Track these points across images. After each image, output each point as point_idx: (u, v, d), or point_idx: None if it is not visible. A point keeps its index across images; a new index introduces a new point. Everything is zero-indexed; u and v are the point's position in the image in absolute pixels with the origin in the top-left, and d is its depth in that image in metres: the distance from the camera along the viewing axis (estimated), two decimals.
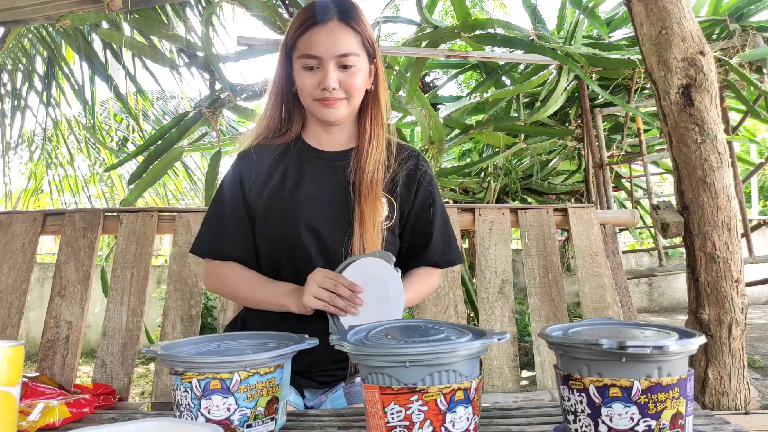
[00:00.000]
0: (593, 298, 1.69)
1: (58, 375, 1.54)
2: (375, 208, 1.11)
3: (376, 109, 1.18)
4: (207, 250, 1.19)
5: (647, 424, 0.60)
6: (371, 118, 1.18)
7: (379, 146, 1.16)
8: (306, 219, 1.11)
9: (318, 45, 1.08)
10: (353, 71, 1.10)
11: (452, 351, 0.61)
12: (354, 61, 1.09)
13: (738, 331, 1.54)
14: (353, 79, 1.10)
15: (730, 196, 1.56)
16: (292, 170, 1.17)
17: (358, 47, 1.11)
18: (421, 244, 1.21)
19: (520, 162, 4.57)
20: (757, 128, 6.54)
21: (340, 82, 1.10)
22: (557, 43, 3.47)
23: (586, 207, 1.84)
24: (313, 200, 1.14)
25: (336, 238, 1.11)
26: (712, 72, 1.56)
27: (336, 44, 1.08)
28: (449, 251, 1.23)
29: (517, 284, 4.88)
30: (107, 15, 2.70)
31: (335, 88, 1.09)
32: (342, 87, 1.10)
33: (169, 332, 1.63)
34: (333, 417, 0.87)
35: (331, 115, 1.13)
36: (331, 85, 1.08)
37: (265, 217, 1.15)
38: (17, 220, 1.72)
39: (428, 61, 3.60)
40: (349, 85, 1.10)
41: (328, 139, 1.20)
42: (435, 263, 1.22)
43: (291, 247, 1.12)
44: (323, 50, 1.08)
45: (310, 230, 1.11)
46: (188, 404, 0.69)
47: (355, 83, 1.11)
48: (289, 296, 1.08)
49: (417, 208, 1.20)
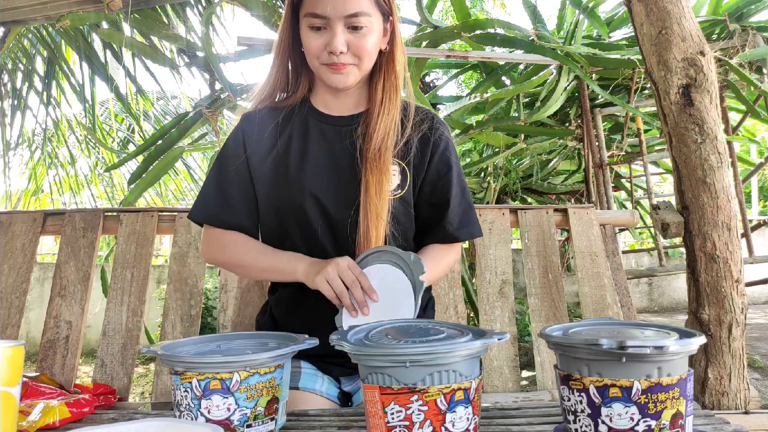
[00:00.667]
0: (593, 298, 1.69)
1: (58, 375, 1.54)
2: (382, 178, 1.02)
3: (390, 71, 1.08)
4: (207, 216, 1.11)
5: (647, 424, 0.60)
6: (384, 81, 1.08)
7: (391, 111, 1.07)
8: (311, 189, 1.05)
9: (324, 3, 0.98)
10: (364, 33, 1.00)
11: (452, 351, 0.61)
12: (365, 21, 1.00)
13: (738, 331, 1.54)
14: (363, 42, 1.01)
15: (730, 196, 1.56)
16: (297, 136, 1.10)
17: (371, 5, 1.01)
18: (438, 214, 1.12)
19: (520, 162, 4.58)
20: (757, 128, 6.54)
21: (348, 44, 1.01)
22: (557, 43, 3.47)
23: (586, 207, 1.84)
24: (319, 169, 1.07)
25: (341, 209, 1.05)
26: (712, 72, 1.56)
27: (345, 3, 0.98)
28: (468, 222, 1.13)
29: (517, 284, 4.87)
30: (107, 15, 2.70)
31: (343, 51, 1.00)
32: (351, 50, 1.01)
33: (169, 332, 1.63)
34: (333, 417, 0.87)
35: (339, 81, 1.04)
36: (338, 48, 0.99)
37: (269, 186, 1.08)
38: (17, 220, 1.72)
39: (428, 61, 3.60)
40: (358, 48, 1.01)
41: (336, 103, 1.12)
42: (453, 236, 1.12)
43: (295, 218, 1.06)
44: (330, 9, 0.98)
45: (315, 201, 1.06)
46: (188, 404, 0.69)
47: (366, 46, 1.01)
48: (300, 263, 1.02)
49: (432, 175, 1.11)
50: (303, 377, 1.09)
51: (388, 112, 1.06)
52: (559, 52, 3.30)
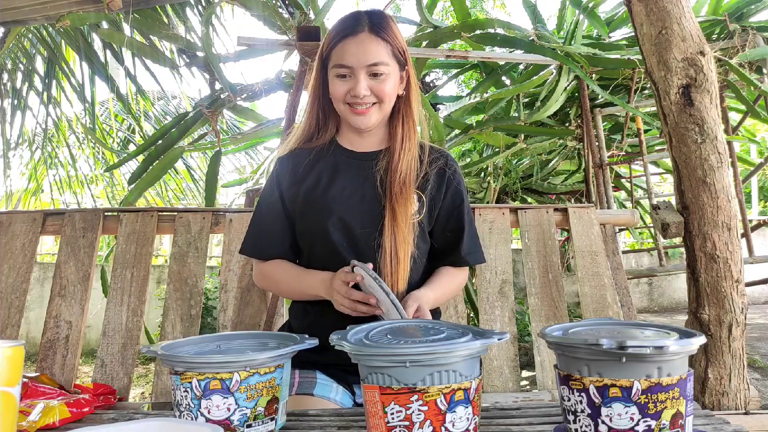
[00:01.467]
0: (593, 298, 1.69)
1: (58, 375, 1.54)
2: (407, 206, 1.16)
3: (408, 113, 1.23)
4: (250, 251, 1.28)
5: (647, 424, 0.60)
6: (403, 122, 1.23)
7: (411, 148, 1.21)
8: (338, 213, 1.17)
9: (350, 55, 1.14)
10: (383, 78, 1.16)
11: (452, 351, 0.61)
12: (384, 69, 1.15)
13: (738, 331, 1.54)
14: (383, 86, 1.16)
15: (730, 196, 1.55)
16: (326, 170, 1.24)
17: (388, 57, 1.16)
18: (453, 241, 1.26)
19: (520, 162, 4.58)
20: (757, 128, 6.55)
21: (370, 88, 1.16)
22: (557, 43, 3.47)
23: (586, 207, 1.84)
24: (346, 196, 1.20)
25: (366, 233, 1.17)
26: (712, 72, 1.56)
27: (366, 54, 1.14)
28: (476, 250, 1.28)
29: (517, 284, 4.88)
30: (107, 15, 2.70)
31: (366, 95, 1.15)
32: (373, 92, 1.16)
33: (169, 332, 1.63)
34: (333, 417, 0.87)
35: (362, 123, 1.19)
36: (361, 92, 1.14)
37: (302, 215, 1.22)
38: (17, 220, 1.72)
39: (428, 61, 3.61)
40: (379, 91, 1.16)
41: (361, 141, 1.26)
42: (465, 260, 1.26)
43: (324, 240, 1.18)
44: (354, 60, 1.14)
45: (342, 224, 1.17)
46: (188, 404, 0.69)
47: (385, 89, 1.16)
48: (321, 285, 1.15)
49: (447, 206, 1.25)
50: (318, 385, 1.15)
51: (408, 149, 1.21)
52: (559, 52, 3.30)
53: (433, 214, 1.24)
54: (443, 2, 7.10)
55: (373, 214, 1.17)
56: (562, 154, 4.40)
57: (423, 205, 1.22)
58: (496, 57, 3.65)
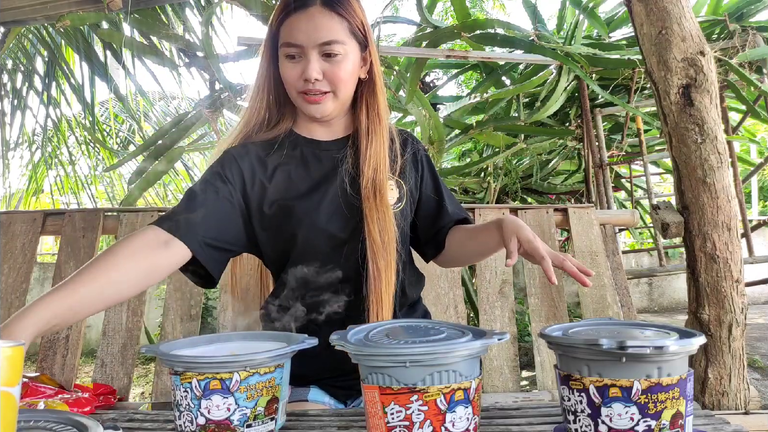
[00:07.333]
0: (593, 298, 1.69)
1: (58, 375, 1.54)
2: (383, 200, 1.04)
3: (372, 101, 1.10)
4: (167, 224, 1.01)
5: (647, 424, 0.60)
6: (367, 111, 1.09)
7: (376, 140, 1.08)
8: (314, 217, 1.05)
9: (298, 32, 1.00)
10: (338, 60, 1.01)
11: (452, 351, 0.61)
12: (339, 49, 1.00)
13: (738, 331, 1.54)
14: (338, 69, 1.01)
15: (730, 196, 1.55)
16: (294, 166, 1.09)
17: (345, 34, 1.02)
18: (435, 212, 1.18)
19: (520, 162, 4.58)
20: (757, 128, 6.54)
21: (323, 72, 1.01)
22: (557, 43, 3.48)
23: (586, 207, 1.84)
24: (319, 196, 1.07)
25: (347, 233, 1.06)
26: (712, 72, 1.56)
27: (318, 31, 0.99)
28: (461, 210, 1.20)
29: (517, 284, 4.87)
30: (107, 15, 2.70)
31: (318, 79, 1.01)
32: (326, 78, 1.02)
33: (169, 332, 1.63)
34: (333, 417, 0.87)
35: (316, 111, 1.05)
36: (312, 75, 1.00)
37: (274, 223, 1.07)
38: (17, 220, 1.72)
39: (428, 61, 3.60)
40: (333, 76, 1.02)
41: (322, 131, 1.13)
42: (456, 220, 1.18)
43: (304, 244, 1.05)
44: (304, 37, 0.99)
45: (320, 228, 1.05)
46: (188, 404, 0.69)
47: (340, 74, 1.02)
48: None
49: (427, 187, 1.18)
50: (312, 392, 1.11)
51: (374, 141, 1.08)
52: (559, 52, 3.30)
53: (414, 199, 1.16)
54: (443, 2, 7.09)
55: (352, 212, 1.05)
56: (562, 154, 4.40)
57: (403, 191, 1.11)
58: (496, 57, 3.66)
